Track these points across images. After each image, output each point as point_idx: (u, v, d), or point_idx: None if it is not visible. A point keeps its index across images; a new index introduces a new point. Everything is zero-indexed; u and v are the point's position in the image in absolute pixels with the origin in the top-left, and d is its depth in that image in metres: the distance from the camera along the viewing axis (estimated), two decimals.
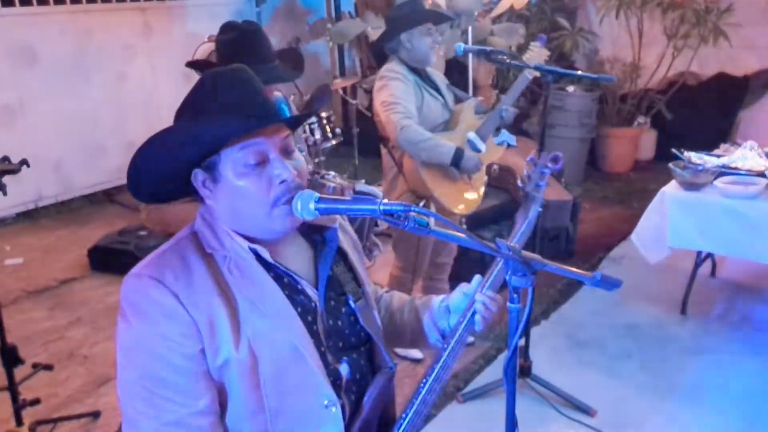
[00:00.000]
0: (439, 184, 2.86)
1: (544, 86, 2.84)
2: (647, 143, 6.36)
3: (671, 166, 3.44)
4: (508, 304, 1.14)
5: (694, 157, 3.55)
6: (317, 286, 1.24)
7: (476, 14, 5.22)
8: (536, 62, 2.83)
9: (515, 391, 1.19)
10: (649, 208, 3.44)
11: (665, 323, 3.53)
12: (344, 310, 1.28)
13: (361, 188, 3.51)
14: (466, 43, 4.63)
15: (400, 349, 3.14)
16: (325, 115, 4.89)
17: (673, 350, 3.27)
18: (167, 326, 1.10)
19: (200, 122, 1.14)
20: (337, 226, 1.31)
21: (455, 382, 3.02)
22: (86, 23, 5.59)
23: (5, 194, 2.45)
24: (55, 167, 5.49)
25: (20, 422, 2.62)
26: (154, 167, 1.16)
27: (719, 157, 3.57)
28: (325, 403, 1.18)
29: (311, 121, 4.57)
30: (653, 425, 2.74)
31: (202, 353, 1.11)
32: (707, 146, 3.86)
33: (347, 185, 3.30)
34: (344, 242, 1.34)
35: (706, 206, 3.25)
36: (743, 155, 3.49)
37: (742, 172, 3.37)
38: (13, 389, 2.60)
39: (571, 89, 5.90)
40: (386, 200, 1.04)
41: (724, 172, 3.37)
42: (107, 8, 5.78)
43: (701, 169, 3.40)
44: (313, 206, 1.11)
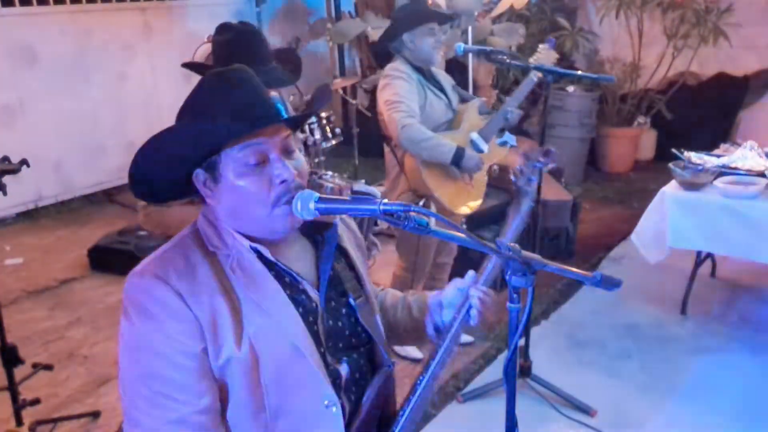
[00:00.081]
0: (439, 183, 2.86)
1: (544, 86, 2.84)
2: (647, 143, 6.36)
3: (671, 166, 3.44)
4: (508, 304, 1.14)
5: (694, 157, 3.55)
6: (319, 285, 1.24)
7: (476, 14, 5.23)
8: (544, 64, 2.82)
9: (515, 391, 1.19)
10: (649, 208, 3.44)
11: (665, 323, 3.53)
12: (344, 310, 1.28)
13: (358, 188, 3.51)
14: (466, 43, 4.63)
15: (399, 348, 3.14)
16: (325, 115, 4.89)
17: (673, 350, 3.28)
18: (170, 325, 1.10)
19: (201, 122, 1.14)
20: (337, 223, 1.31)
21: (455, 382, 3.02)
22: (86, 23, 5.59)
23: (5, 194, 2.45)
24: (55, 167, 5.48)
25: (20, 422, 2.62)
26: (155, 167, 1.16)
27: (719, 157, 3.57)
28: (325, 402, 1.18)
29: (311, 121, 4.58)
30: (653, 425, 2.74)
31: (204, 352, 1.11)
32: (707, 146, 3.87)
33: (345, 185, 3.29)
34: (346, 240, 1.35)
35: (706, 206, 3.25)
36: (743, 155, 3.49)
37: (742, 172, 3.37)
38: (13, 389, 2.60)
39: (571, 89, 5.90)
40: (387, 200, 1.04)
41: (724, 172, 3.37)
42: (107, 8, 5.78)
43: (701, 169, 3.40)
44: (313, 206, 1.11)
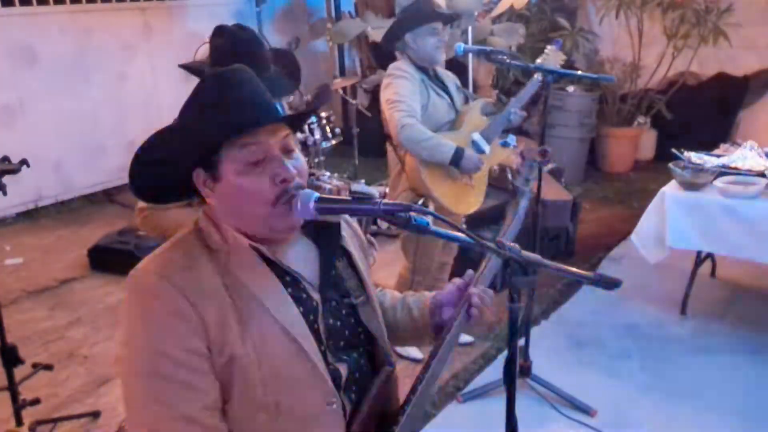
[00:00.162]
0: (439, 183, 2.85)
1: (544, 86, 2.84)
2: (647, 143, 6.36)
3: (671, 166, 3.44)
4: (508, 304, 1.14)
5: (694, 157, 3.55)
6: (320, 285, 1.24)
7: (476, 14, 5.23)
8: (551, 66, 2.82)
9: (515, 391, 1.19)
10: (649, 208, 3.44)
11: (665, 323, 3.53)
12: (345, 310, 1.28)
13: (356, 188, 3.51)
14: (466, 43, 4.63)
15: (400, 349, 3.14)
16: (325, 115, 4.89)
17: (673, 350, 3.28)
18: (173, 323, 1.10)
19: (201, 121, 1.15)
20: (341, 223, 1.31)
21: (455, 382, 3.02)
22: (86, 23, 5.59)
23: (5, 194, 2.45)
24: (55, 167, 5.48)
25: (20, 422, 2.63)
26: (155, 166, 1.16)
27: (719, 157, 3.57)
28: (326, 401, 1.18)
29: (311, 120, 4.58)
30: (653, 425, 2.74)
31: (207, 349, 1.11)
32: (707, 146, 3.87)
33: (343, 186, 3.29)
34: (348, 241, 1.35)
35: (706, 206, 3.25)
36: (743, 155, 3.49)
37: (742, 172, 3.37)
38: (13, 389, 2.60)
39: (571, 89, 5.90)
40: (387, 199, 1.04)
41: (724, 172, 3.38)
42: (107, 8, 5.78)
43: (701, 169, 3.40)
44: (312, 206, 1.11)
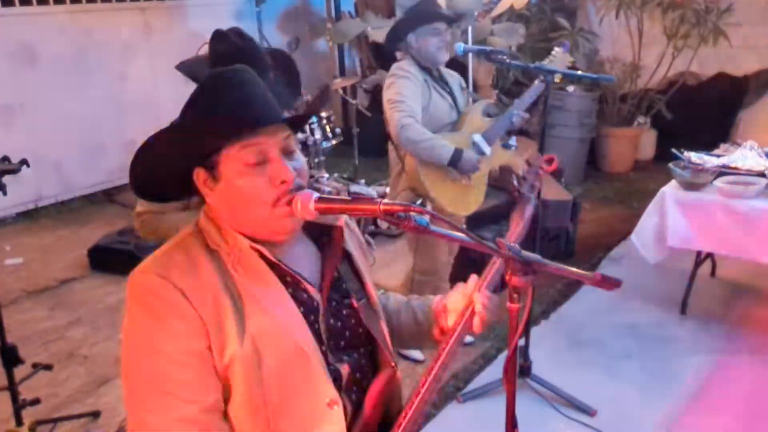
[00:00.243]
0: (438, 184, 2.85)
1: (546, 87, 2.84)
2: (647, 143, 6.37)
3: (671, 166, 3.45)
4: (508, 304, 1.14)
5: (694, 157, 3.56)
6: (321, 285, 1.24)
7: (476, 14, 5.23)
8: (558, 67, 2.82)
9: (515, 391, 1.19)
10: (648, 208, 3.44)
11: (665, 323, 3.53)
12: (346, 310, 1.28)
13: (354, 189, 3.52)
14: (466, 43, 4.63)
15: (400, 349, 3.14)
16: (325, 115, 4.90)
17: (673, 350, 3.28)
18: (175, 323, 1.10)
19: (202, 121, 1.15)
20: (343, 225, 1.31)
21: (455, 382, 3.02)
22: (86, 23, 5.59)
23: (5, 194, 2.44)
24: (55, 167, 5.48)
25: (20, 422, 2.62)
26: (156, 165, 1.16)
27: (719, 157, 3.57)
28: (326, 401, 1.18)
29: (311, 121, 4.58)
30: (653, 425, 2.74)
31: (208, 350, 1.11)
32: (707, 146, 3.87)
33: (342, 187, 3.30)
34: (350, 242, 1.35)
35: (706, 206, 3.25)
36: (743, 155, 3.49)
37: (742, 172, 3.37)
38: (13, 389, 2.60)
39: (571, 89, 5.90)
40: (386, 199, 1.04)
41: (724, 172, 3.38)
42: (107, 8, 5.78)
43: (701, 169, 3.40)
44: (313, 206, 1.11)
